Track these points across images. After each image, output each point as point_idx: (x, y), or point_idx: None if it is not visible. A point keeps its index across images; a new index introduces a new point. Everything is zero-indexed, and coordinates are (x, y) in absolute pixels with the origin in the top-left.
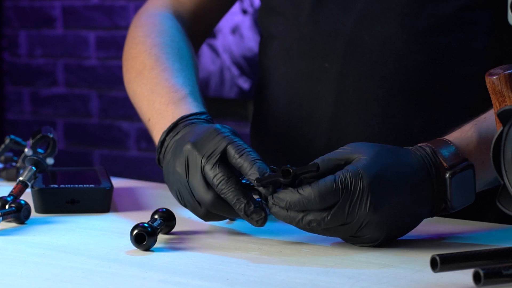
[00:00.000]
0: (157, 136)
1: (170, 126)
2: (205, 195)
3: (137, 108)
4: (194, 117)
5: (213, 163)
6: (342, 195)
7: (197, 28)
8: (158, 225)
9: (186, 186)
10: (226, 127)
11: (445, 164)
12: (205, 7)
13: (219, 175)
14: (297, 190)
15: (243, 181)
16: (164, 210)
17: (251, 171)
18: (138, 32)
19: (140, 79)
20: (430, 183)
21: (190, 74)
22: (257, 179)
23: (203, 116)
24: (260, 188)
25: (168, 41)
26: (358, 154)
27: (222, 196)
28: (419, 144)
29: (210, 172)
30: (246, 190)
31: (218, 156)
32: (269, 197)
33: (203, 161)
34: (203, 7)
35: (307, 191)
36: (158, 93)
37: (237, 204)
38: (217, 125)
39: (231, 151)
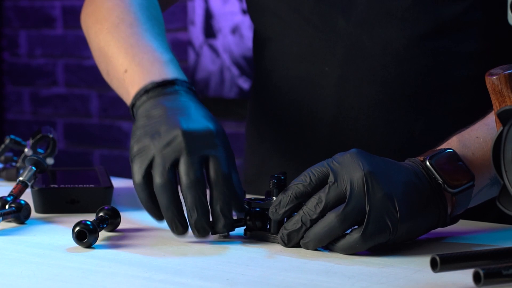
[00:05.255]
0: (137, 85)
1: (160, 82)
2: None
3: (108, 58)
4: (187, 85)
5: (196, 161)
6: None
7: None
8: (102, 223)
9: (157, 151)
10: (221, 133)
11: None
12: None
13: (198, 172)
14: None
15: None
16: (109, 208)
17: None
18: None
19: (116, 32)
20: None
21: (167, 43)
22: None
23: (193, 88)
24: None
25: (144, 3)
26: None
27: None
28: (410, 160)
29: (187, 163)
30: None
31: (203, 160)
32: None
33: (184, 153)
34: None
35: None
36: (140, 49)
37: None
38: (212, 126)
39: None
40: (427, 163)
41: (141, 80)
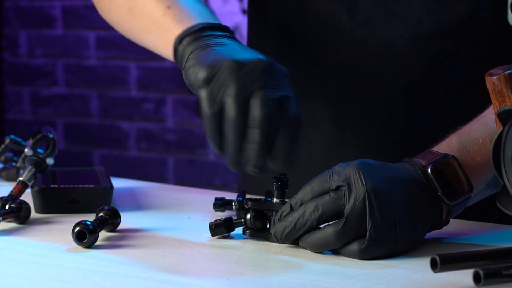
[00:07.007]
0: (185, 23)
1: (212, 24)
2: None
3: None
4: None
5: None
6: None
7: None
8: (102, 223)
9: (236, 78)
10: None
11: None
12: None
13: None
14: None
15: (239, 199)
16: (109, 208)
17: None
18: None
19: None
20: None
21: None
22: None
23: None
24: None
25: None
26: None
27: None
28: (410, 161)
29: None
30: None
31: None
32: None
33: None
34: None
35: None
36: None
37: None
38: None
39: None
40: (429, 171)
41: (188, 19)
